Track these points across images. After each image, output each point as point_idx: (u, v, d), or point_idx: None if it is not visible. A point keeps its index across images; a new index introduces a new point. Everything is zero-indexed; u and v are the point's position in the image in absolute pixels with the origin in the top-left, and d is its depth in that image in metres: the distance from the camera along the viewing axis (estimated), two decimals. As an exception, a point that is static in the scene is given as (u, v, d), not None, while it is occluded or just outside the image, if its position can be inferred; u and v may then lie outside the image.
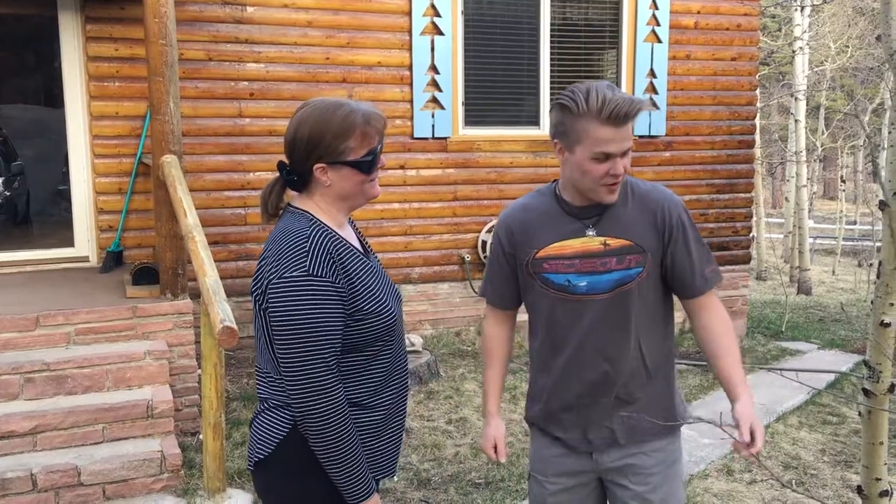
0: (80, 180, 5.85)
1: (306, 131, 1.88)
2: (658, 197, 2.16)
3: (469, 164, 6.76)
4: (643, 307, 2.16)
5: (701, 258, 2.16)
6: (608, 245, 2.12)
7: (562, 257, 2.15)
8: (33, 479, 3.76)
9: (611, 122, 1.96)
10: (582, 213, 2.15)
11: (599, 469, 2.26)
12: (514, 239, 2.24)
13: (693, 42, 7.30)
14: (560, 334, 2.21)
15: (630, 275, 2.12)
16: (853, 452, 4.59)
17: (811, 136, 17.69)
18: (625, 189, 2.15)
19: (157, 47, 4.53)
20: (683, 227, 2.15)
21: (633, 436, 2.21)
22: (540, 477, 2.33)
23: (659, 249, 2.14)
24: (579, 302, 2.15)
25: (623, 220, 2.13)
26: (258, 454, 1.95)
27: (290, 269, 1.81)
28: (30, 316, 4.37)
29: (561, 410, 2.25)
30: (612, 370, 2.17)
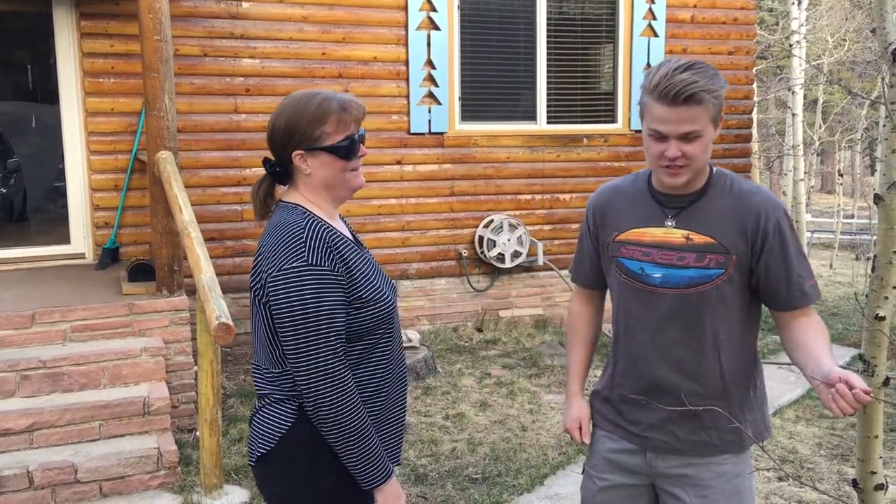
0: (75, 177, 5.84)
1: (283, 121, 1.92)
2: (757, 200, 1.99)
3: (466, 159, 6.76)
4: (723, 312, 2.01)
5: (800, 271, 1.98)
6: (690, 240, 2.00)
7: (640, 244, 2.06)
8: (30, 476, 3.75)
9: (663, 99, 1.87)
10: (667, 200, 2.05)
11: (653, 473, 2.14)
12: (599, 219, 2.18)
13: (689, 36, 7.29)
14: (629, 324, 2.12)
15: (708, 275, 1.99)
16: (849, 446, 4.60)
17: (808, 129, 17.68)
18: (723, 183, 2.03)
19: (152, 43, 4.52)
20: (781, 236, 1.97)
21: (695, 447, 2.07)
22: (592, 472, 2.27)
23: (748, 255, 1.98)
24: (652, 293, 2.05)
25: (710, 215, 2.00)
26: (260, 449, 1.95)
27: (288, 260, 1.82)
28: (26, 313, 4.36)
29: (622, 402, 2.16)
30: (681, 373, 2.04)
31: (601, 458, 2.24)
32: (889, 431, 4.80)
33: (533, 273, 7.09)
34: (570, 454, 4.45)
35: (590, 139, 7.08)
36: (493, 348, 6.51)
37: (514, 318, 7.03)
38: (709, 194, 2.02)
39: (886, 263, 2.32)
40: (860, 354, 2.42)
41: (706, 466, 2.08)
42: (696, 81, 1.84)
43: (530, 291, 7.13)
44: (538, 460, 4.38)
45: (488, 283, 6.96)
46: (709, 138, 1.92)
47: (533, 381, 5.72)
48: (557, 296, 7.15)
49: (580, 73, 7.14)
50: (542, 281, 7.14)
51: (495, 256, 6.74)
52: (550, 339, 6.72)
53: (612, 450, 2.21)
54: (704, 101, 1.86)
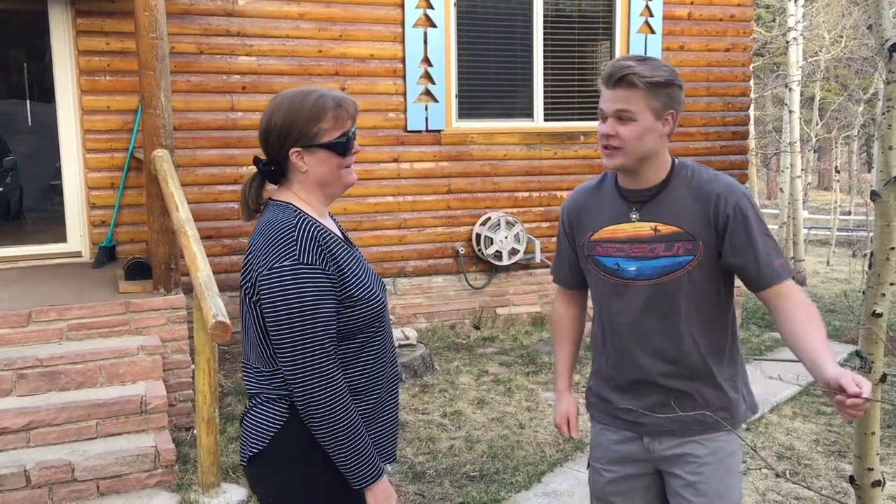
0: (71, 175, 5.83)
1: (279, 118, 1.91)
2: (716, 186, 2.08)
3: (463, 156, 6.75)
4: (696, 297, 2.10)
5: (767, 250, 2.05)
6: (658, 231, 2.10)
7: (614, 241, 2.16)
8: (27, 475, 3.75)
9: (604, 81, 2.04)
10: (630, 195, 2.14)
11: (654, 457, 2.22)
12: (574, 221, 2.27)
13: (687, 33, 7.29)
14: (611, 318, 2.20)
15: (678, 262, 2.08)
16: (846, 442, 4.61)
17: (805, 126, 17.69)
18: (684, 174, 2.12)
19: (148, 41, 4.51)
20: (744, 217, 2.05)
21: (687, 427, 2.16)
22: (597, 465, 2.33)
23: (713, 239, 2.07)
24: (628, 287, 2.14)
25: (674, 206, 2.09)
26: (252, 448, 1.94)
27: (279, 259, 1.82)
28: (22, 312, 4.35)
29: (614, 393, 2.24)
30: (663, 359, 2.14)
31: (603, 451, 2.31)
32: (886, 428, 4.81)
33: (530, 270, 7.09)
34: (568, 451, 4.46)
35: (587, 136, 7.07)
36: (491, 346, 6.51)
37: (512, 316, 7.03)
38: (670, 185, 2.11)
39: (883, 260, 2.32)
40: (857, 351, 2.42)
41: (701, 444, 2.16)
42: (632, 66, 1.99)
43: (528, 289, 7.13)
44: (536, 457, 4.38)
45: (486, 281, 6.95)
46: (645, 126, 2.02)
47: (530, 378, 5.72)
48: (555, 293, 7.14)
49: (577, 70, 7.13)
50: (540, 278, 7.13)
51: (493, 254, 6.74)
52: (548, 337, 6.72)
53: (612, 441, 2.28)
54: (637, 86, 1.98)
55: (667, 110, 2.04)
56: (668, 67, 2.04)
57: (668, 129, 2.06)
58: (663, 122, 2.04)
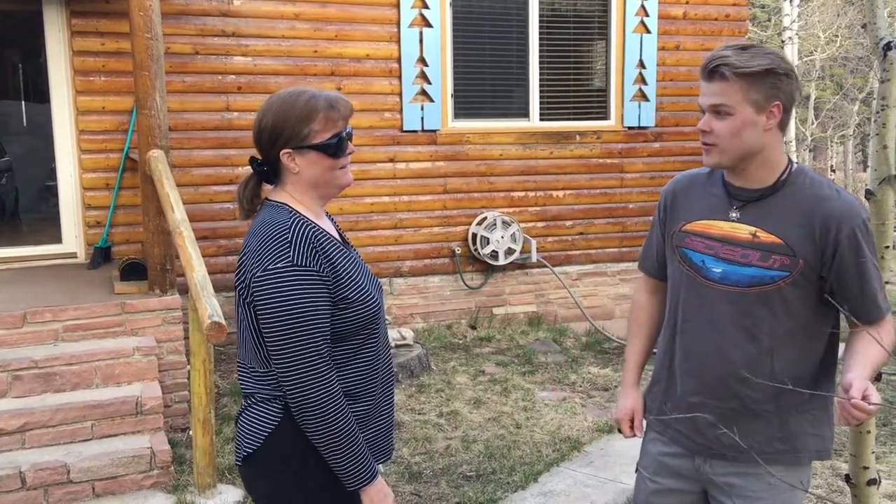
0: (66, 176, 5.81)
1: (270, 119, 1.90)
2: (833, 205, 1.89)
3: (459, 156, 6.75)
4: (784, 316, 1.93)
5: (874, 283, 1.91)
6: (757, 237, 1.93)
7: (705, 236, 2.01)
8: (22, 476, 3.74)
9: (701, 73, 1.92)
10: (736, 192, 1.99)
11: (702, 478, 2.09)
12: (670, 207, 2.14)
13: (682, 32, 7.29)
14: (684, 318, 2.05)
15: (770, 276, 1.91)
16: (842, 441, 4.61)
17: (801, 126, 17.72)
18: (801, 181, 1.94)
19: (143, 41, 4.50)
20: (856, 246, 1.88)
21: (741, 454, 2.00)
22: (644, 473, 2.23)
23: (817, 261, 1.89)
24: (710, 289, 1.99)
25: (781, 214, 1.92)
26: (247, 448, 1.94)
27: (273, 260, 1.81)
28: (17, 313, 4.34)
29: (672, 399, 2.11)
30: (731, 374, 1.97)
31: (652, 460, 2.21)
32: (881, 426, 4.81)
33: (527, 270, 7.09)
34: (565, 451, 4.45)
35: (582, 136, 7.08)
36: (487, 346, 6.51)
37: (508, 316, 7.03)
38: (783, 191, 1.94)
39: (878, 258, 2.32)
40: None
41: (756, 477, 2.01)
42: (726, 56, 1.84)
43: (524, 289, 7.13)
44: (532, 457, 4.38)
45: (482, 281, 6.95)
46: (742, 120, 1.87)
47: (527, 378, 5.72)
48: (551, 293, 7.15)
49: (573, 69, 7.13)
50: (536, 278, 7.13)
51: (489, 254, 6.74)
52: (544, 337, 6.72)
53: (663, 453, 2.17)
54: (729, 78, 1.84)
55: (771, 102, 1.86)
56: (771, 54, 1.86)
57: (774, 122, 1.88)
58: (768, 114, 1.87)
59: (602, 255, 7.25)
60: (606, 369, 5.99)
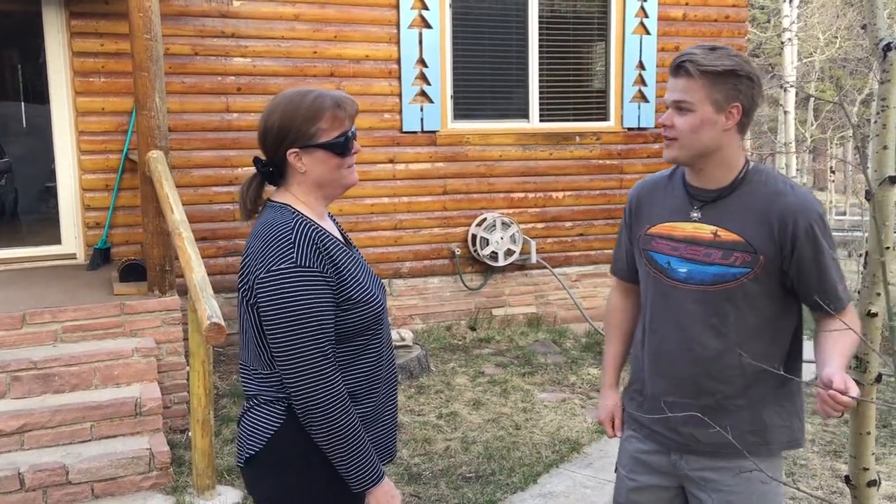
0: (66, 177, 5.81)
1: (276, 119, 1.90)
2: (789, 200, 1.95)
3: (458, 157, 6.75)
4: (748, 312, 1.98)
5: (833, 275, 1.96)
6: (718, 236, 1.99)
7: (670, 238, 2.06)
8: (21, 477, 3.73)
9: (669, 69, 1.98)
10: (695, 193, 2.04)
11: (679, 474, 2.13)
12: (635, 211, 2.19)
13: (682, 33, 7.29)
14: (653, 318, 2.11)
15: (733, 273, 1.96)
16: (842, 442, 4.61)
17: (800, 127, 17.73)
18: (757, 179, 2.00)
19: (142, 42, 4.50)
20: (814, 240, 1.93)
21: (716, 449, 2.05)
22: (622, 471, 2.27)
23: (777, 256, 1.95)
24: (676, 289, 2.04)
25: (740, 212, 1.97)
26: (249, 450, 1.94)
27: (277, 261, 1.81)
28: (16, 314, 4.34)
29: (646, 400, 2.16)
30: (700, 371, 2.02)
31: (630, 458, 2.24)
32: (881, 428, 4.81)
33: (526, 271, 7.09)
34: (564, 452, 4.45)
35: (582, 137, 7.08)
36: (487, 347, 6.50)
37: (508, 317, 7.03)
38: (740, 190, 1.99)
39: (878, 260, 2.32)
40: (853, 351, 2.42)
41: (730, 471, 2.05)
42: (693, 54, 1.90)
43: (524, 290, 7.12)
44: (532, 459, 4.37)
45: (482, 282, 6.95)
46: (703, 118, 1.91)
47: (526, 379, 5.72)
48: (551, 294, 7.15)
49: (572, 70, 7.13)
50: (536, 279, 7.13)
51: (488, 255, 6.74)
52: (544, 338, 6.72)
53: (640, 450, 2.21)
54: (694, 75, 1.89)
55: (731, 103, 1.91)
56: (737, 57, 1.90)
57: (732, 122, 1.93)
58: (727, 114, 1.92)
59: (602, 256, 7.25)
60: (606, 370, 5.98)
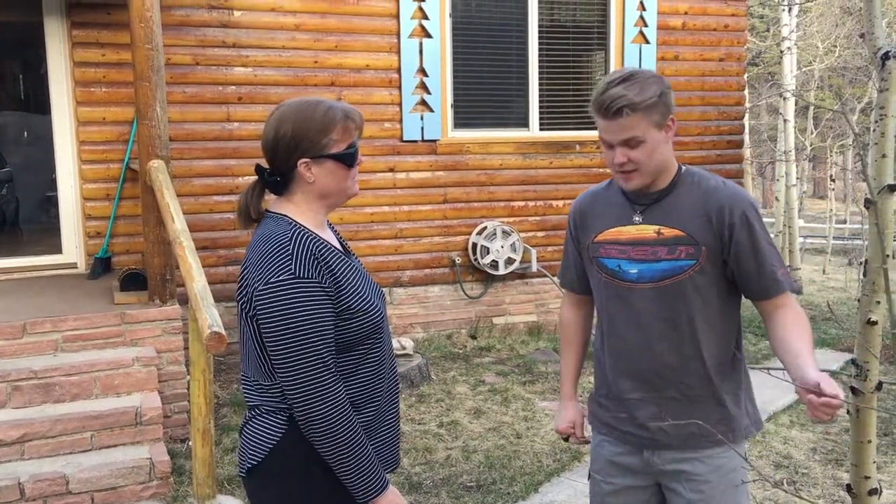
0: (67, 186, 5.82)
1: (289, 128, 1.89)
2: (722, 194, 2.08)
3: (459, 166, 6.76)
4: (700, 304, 2.08)
5: (771, 259, 2.06)
6: (662, 234, 2.09)
7: (617, 242, 2.15)
8: (21, 487, 3.73)
9: (599, 112, 2.02)
10: (635, 198, 2.14)
11: (653, 470, 2.19)
12: (580, 224, 2.27)
13: (681, 43, 7.31)
14: (611, 321, 2.18)
15: (680, 266, 2.06)
16: (844, 451, 4.60)
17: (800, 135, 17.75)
18: (690, 180, 2.11)
19: (144, 52, 4.51)
20: (748, 227, 2.05)
21: (686, 440, 2.12)
22: (597, 476, 2.31)
23: (717, 246, 2.06)
24: (629, 290, 2.12)
25: (678, 210, 2.09)
26: (251, 460, 1.93)
27: (275, 273, 1.80)
28: (17, 323, 4.34)
29: (612, 402, 2.22)
30: (662, 366, 2.11)
31: (604, 462, 2.28)
32: (882, 436, 4.80)
33: (527, 280, 7.09)
34: (565, 461, 4.44)
35: (582, 145, 7.09)
36: (487, 355, 6.50)
37: (508, 325, 7.03)
38: (676, 191, 2.11)
39: (878, 268, 2.32)
40: (853, 359, 2.42)
41: (701, 461, 2.13)
42: (624, 96, 1.96)
43: (524, 298, 7.13)
44: (533, 467, 4.36)
45: (482, 290, 6.95)
46: (653, 142, 2.02)
47: (527, 387, 5.71)
48: (551, 302, 7.15)
49: (572, 79, 7.15)
50: (536, 287, 7.13)
51: (489, 263, 6.74)
52: (545, 346, 6.71)
53: (613, 452, 2.25)
54: (633, 114, 1.96)
55: (666, 118, 2.04)
56: (654, 79, 2.01)
57: (671, 133, 2.07)
58: (666, 129, 2.05)
59: (602, 264, 7.25)
60: (607, 379, 5.97)
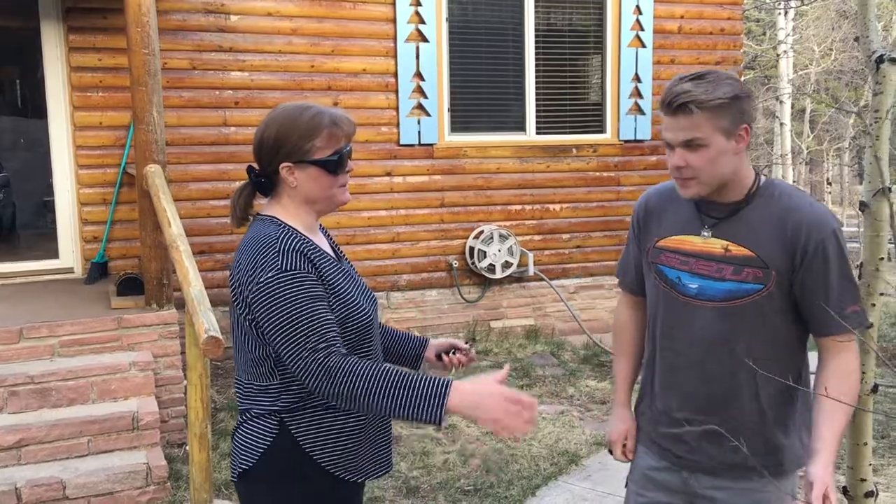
0: (63, 191, 5.82)
1: (273, 131, 1.90)
2: (802, 215, 1.90)
3: (456, 170, 6.76)
4: (762, 329, 1.93)
5: (842, 294, 1.90)
6: (729, 251, 1.94)
7: (679, 252, 2.02)
8: (18, 493, 3.72)
9: (665, 108, 1.89)
10: (707, 208, 1.99)
11: (690, 492, 2.09)
12: (643, 223, 2.15)
13: (677, 46, 7.33)
14: (663, 336, 2.07)
15: (745, 289, 1.92)
16: (840, 454, 4.60)
17: (797, 139, 17.79)
18: (770, 193, 1.95)
19: (140, 56, 4.52)
20: (825, 255, 1.88)
21: (728, 469, 2.01)
22: (632, 487, 2.23)
23: (788, 271, 1.90)
24: (686, 305, 2.00)
25: (751, 227, 1.93)
26: (242, 464, 1.93)
27: (264, 272, 1.81)
28: (13, 328, 4.33)
29: (657, 417, 2.13)
30: (711, 391, 1.98)
31: (641, 475, 2.21)
32: (879, 439, 4.81)
33: (524, 283, 7.09)
34: (562, 465, 4.44)
35: (579, 149, 7.10)
36: (485, 359, 6.49)
37: (506, 329, 7.03)
38: (752, 205, 1.95)
39: (873, 270, 2.33)
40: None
41: (741, 493, 2.02)
42: (690, 91, 1.83)
43: (521, 302, 7.12)
44: (530, 471, 4.36)
45: (479, 294, 6.95)
46: (717, 150, 1.87)
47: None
48: (548, 306, 7.15)
49: (569, 83, 7.16)
50: (533, 291, 7.13)
51: (486, 267, 6.74)
52: (542, 350, 6.71)
53: (651, 467, 2.17)
54: (697, 112, 1.83)
55: (739, 126, 1.88)
56: (731, 80, 1.88)
57: (743, 144, 1.91)
58: (737, 138, 1.89)
59: (599, 268, 7.26)
60: (604, 382, 5.98)
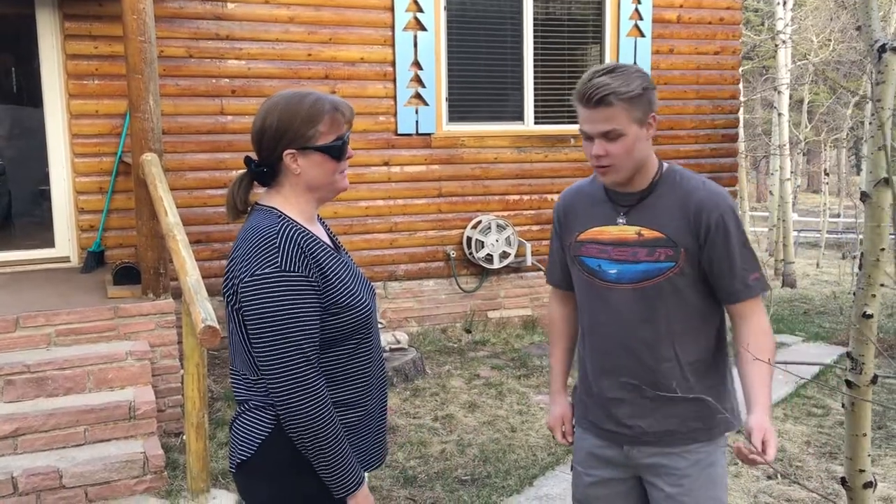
0: (60, 180, 5.80)
1: (275, 119, 1.88)
2: (701, 195, 2.08)
3: (453, 160, 6.74)
4: (678, 305, 2.09)
5: (744, 264, 2.07)
6: (642, 235, 2.10)
7: (598, 242, 2.16)
8: (14, 481, 3.71)
9: (581, 101, 2.03)
10: (619, 198, 2.15)
11: (633, 464, 2.21)
12: (563, 221, 2.28)
13: (676, 36, 7.30)
14: (591, 321, 2.21)
15: (659, 268, 2.08)
16: (838, 444, 4.61)
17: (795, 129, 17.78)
18: (672, 179, 2.12)
19: (136, 44, 4.49)
20: (724, 229, 2.05)
21: (664, 437, 2.15)
22: (579, 468, 2.34)
23: (695, 248, 2.07)
24: (608, 290, 2.14)
25: (658, 211, 2.09)
26: (240, 455, 1.93)
27: (261, 266, 1.80)
28: (9, 317, 4.31)
29: (593, 398, 2.25)
30: (639, 366, 2.12)
31: (585, 454, 2.33)
32: (877, 429, 4.82)
33: (521, 273, 7.09)
34: (560, 454, 4.45)
35: (577, 139, 7.08)
36: (482, 349, 6.49)
37: (503, 319, 7.03)
38: (657, 191, 2.11)
39: (873, 261, 2.32)
40: (848, 352, 2.42)
41: (680, 455, 2.15)
42: (608, 84, 1.97)
43: (519, 292, 7.12)
44: (527, 461, 4.37)
45: (477, 284, 6.94)
46: (633, 138, 2.02)
47: (522, 381, 5.71)
48: (546, 296, 7.15)
49: (567, 73, 7.14)
50: (531, 281, 7.13)
51: (483, 257, 6.73)
52: (539, 340, 6.71)
53: (594, 444, 2.29)
54: (616, 104, 1.97)
55: (648, 115, 2.05)
56: (639, 73, 2.02)
57: (652, 131, 2.08)
58: (647, 127, 2.06)
59: (597, 258, 7.25)
60: (601, 373, 5.98)
